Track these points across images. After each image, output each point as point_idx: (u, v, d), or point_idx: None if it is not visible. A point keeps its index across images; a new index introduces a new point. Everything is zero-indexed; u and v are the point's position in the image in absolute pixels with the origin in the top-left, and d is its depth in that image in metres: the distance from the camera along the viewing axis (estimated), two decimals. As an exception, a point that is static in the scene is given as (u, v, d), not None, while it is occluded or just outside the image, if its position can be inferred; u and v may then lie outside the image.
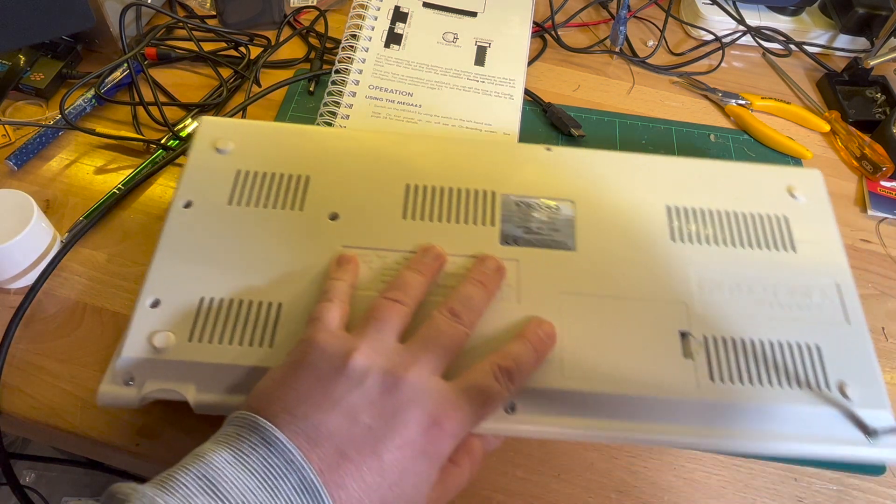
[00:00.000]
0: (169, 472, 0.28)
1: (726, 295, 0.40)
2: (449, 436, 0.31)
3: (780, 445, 0.37)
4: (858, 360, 0.39)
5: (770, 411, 0.37)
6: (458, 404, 0.32)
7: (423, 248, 0.39)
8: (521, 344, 0.35)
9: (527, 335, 0.36)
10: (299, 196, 0.42)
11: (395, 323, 0.34)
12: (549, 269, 0.40)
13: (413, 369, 0.32)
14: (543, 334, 0.36)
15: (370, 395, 0.31)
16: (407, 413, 0.31)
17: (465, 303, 0.36)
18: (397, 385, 0.31)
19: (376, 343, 0.33)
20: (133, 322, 0.36)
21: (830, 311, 0.40)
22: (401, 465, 0.30)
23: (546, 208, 0.43)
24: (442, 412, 0.31)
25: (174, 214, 0.41)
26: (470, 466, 0.34)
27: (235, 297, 0.38)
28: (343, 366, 0.31)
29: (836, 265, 0.42)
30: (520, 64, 0.63)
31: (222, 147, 0.44)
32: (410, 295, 0.36)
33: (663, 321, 0.39)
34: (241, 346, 0.36)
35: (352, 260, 0.39)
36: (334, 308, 0.35)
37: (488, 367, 0.34)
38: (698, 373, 0.37)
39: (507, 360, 0.34)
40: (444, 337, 0.34)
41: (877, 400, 0.37)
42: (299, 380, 0.31)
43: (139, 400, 0.35)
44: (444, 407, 0.32)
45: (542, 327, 0.37)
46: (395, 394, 0.31)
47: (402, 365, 0.32)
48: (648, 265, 0.41)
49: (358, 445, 0.29)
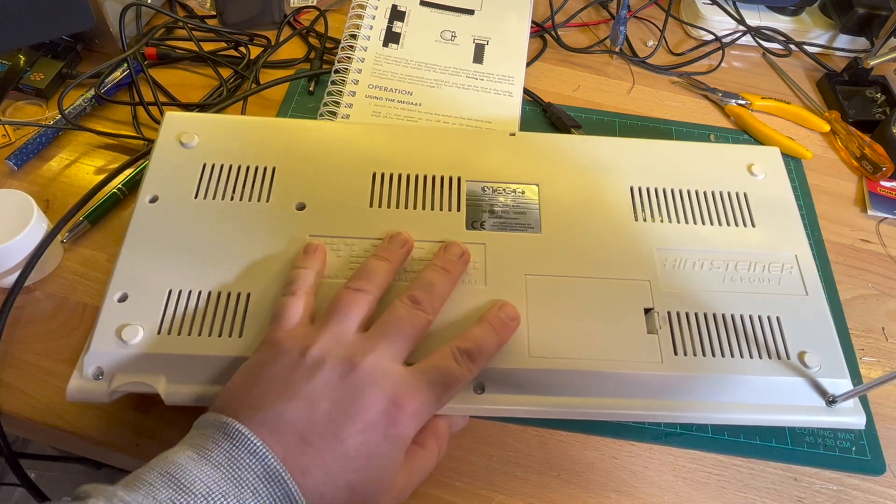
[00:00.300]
0: (135, 473, 0.28)
1: (689, 271, 0.42)
2: (410, 417, 0.32)
3: (744, 416, 0.38)
4: (818, 330, 0.40)
5: (733, 382, 0.38)
6: (417, 386, 0.33)
7: (389, 236, 0.40)
8: (482, 326, 0.36)
9: (488, 318, 0.37)
10: (265, 187, 0.43)
11: (356, 313, 0.35)
12: (516, 251, 0.41)
13: (371, 355, 0.32)
14: (505, 316, 0.37)
15: (329, 383, 0.31)
16: (366, 397, 0.31)
17: (426, 289, 0.36)
18: (355, 370, 0.32)
19: (336, 334, 0.33)
20: (101, 316, 0.37)
21: (790, 283, 0.42)
22: (364, 449, 0.30)
23: (511, 192, 0.44)
24: (402, 394, 0.32)
25: (140, 209, 0.41)
26: (437, 447, 0.35)
27: (203, 288, 0.38)
28: (302, 358, 0.32)
29: (794, 239, 0.44)
30: (518, 61, 0.63)
31: (187, 141, 0.44)
32: (374, 282, 0.36)
33: (628, 299, 0.40)
34: (210, 337, 0.37)
35: (319, 248, 0.39)
36: (296, 302, 0.35)
37: (448, 350, 0.34)
38: (663, 348, 0.38)
39: (468, 343, 0.35)
40: (404, 324, 0.34)
41: (836, 369, 0.39)
42: (260, 377, 0.32)
43: (109, 394, 0.35)
44: (404, 389, 0.32)
45: (504, 309, 0.37)
46: (353, 379, 0.31)
47: (361, 352, 0.32)
48: (613, 245, 0.42)
49: (319, 431, 0.30)
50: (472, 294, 0.39)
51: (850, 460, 0.43)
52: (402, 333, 0.34)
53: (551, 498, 0.41)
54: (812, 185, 0.60)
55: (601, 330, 0.39)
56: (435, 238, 0.41)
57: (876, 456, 0.44)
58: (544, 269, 0.41)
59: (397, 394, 0.32)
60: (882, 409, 0.46)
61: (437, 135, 0.47)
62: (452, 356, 0.34)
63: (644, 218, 0.44)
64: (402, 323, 0.34)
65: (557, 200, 0.44)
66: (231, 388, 0.33)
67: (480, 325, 0.36)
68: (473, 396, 0.37)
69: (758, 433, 0.44)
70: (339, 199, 0.43)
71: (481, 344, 0.35)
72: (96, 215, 0.50)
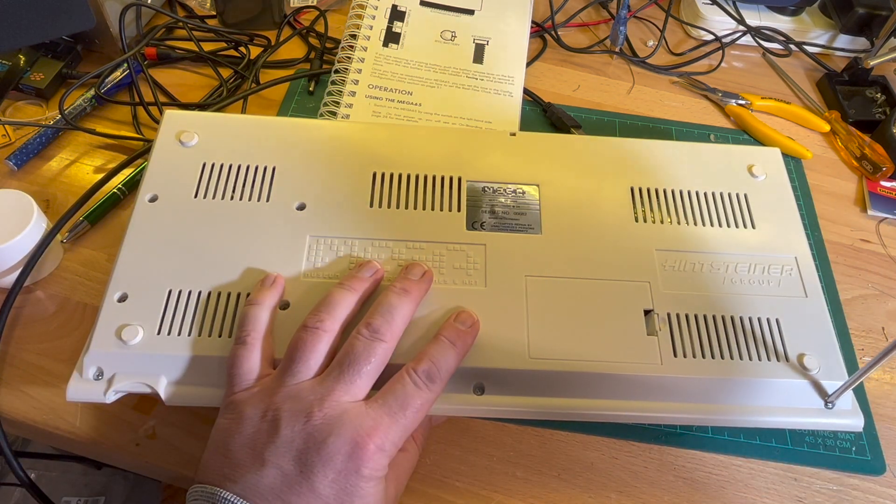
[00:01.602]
0: None
1: (689, 272, 0.42)
2: (376, 452, 0.31)
3: (742, 417, 0.38)
4: (817, 332, 0.40)
5: (732, 384, 0.38)
6: (378, 420, 0.32)
7: (359, 264, 0.39)
8: (438, 343, 0.35)
9: (444, 332, 0.36)
10: (266, 187, 0.43)
11: (315, 356, 0.34)
12: (516, 252, 0.41)
13: (327, 401, 0.32)
14: (462, 325, 0.37)
15: (291, 442, 0.31)
16: (328, 446, 0.31)
17: (384, 315, 0.35)
18: (311, 421, 0.32)
19: (292, 386, 0.33)
20: (101, 317, 0.37)
21: (789, 285, 0.42)
22: (342, 494, 0.31)
23: (511, 193, 0.44)
24: (362, 433, 0.31)
25: (140, 209, 0.41)
26: (416, 446, 0.36)
27: (203, 288, 0.38)
28: (262, 422, 0.32)
29: (794, 240, 0.44)
30: (518, 61, 0.63)
31: (187, 140, 0.44)
32: (334, 316, 0.35)
33: (628, 300, 0.40)
34: (209, 338, 0.36)
35: (276, 280, 0.38)
36: (249, 354, 0.35)
37: (405, 373, 0.34)
38: (662, 349, 0.38)
39: (425, 363, 0.34)
40: (361, 360, 0.34)
41: (835, 371, 0.39)
42: (229, 448, 0.32)
43: (108, 394, 0.35)
44: (363, 427, 0.32)
45: (460, 318, 0.37)
46: (312, 431, 0.31)
47: (318, 401, 0.32)
48: (613, 246, 0.42)
49: (296, 490, 0.30)
50: (472, 295, 0.39)
51: (850, 460, 0.44)
52: (358, 371, 0.33)
53: (551, 498, 0.41)
54: (812, 185, 0.60)
55: (601, 331, 0.38)
56: (435, 238, 0.41)
57: (876, 456, 0.44)
58: (544, 270, 0.41)
59: (357, 434, 0.31)
60: (882, 409, 0.46)
61: (438, 134, 0.47)
62: (410, 380, 0.34)
63: (644, 219, 0.44)
64: (359, 359, 0.34)
65: (557, 201, 0.44)
66: (208, 459, 0.33)
67: (436, 341, 0.36)
68: (473, 397, 0.37)
69: (758, 433, 0.44)
70: (339, 198, 0.43)
71: (438, 361, 0.35)
72: (96, 215, 0.50)
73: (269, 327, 0.36)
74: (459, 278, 0.40)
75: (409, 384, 0.34)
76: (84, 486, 0.78)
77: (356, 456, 0.31)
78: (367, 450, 0.31)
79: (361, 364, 0.33)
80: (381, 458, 0.32)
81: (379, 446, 0.32)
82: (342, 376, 0.33)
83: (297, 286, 0.39)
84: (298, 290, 0.38)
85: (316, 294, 0.38)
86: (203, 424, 0.42)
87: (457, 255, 0.41)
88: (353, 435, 0.31)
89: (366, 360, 0.34)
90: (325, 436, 0.31)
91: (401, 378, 0.34)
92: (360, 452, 0.31)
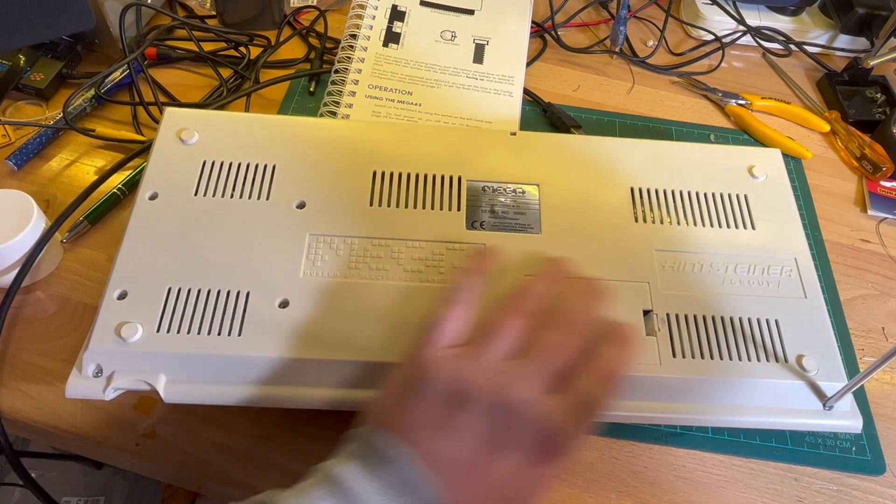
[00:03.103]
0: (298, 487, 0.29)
1: (688, 273, 0.42)
2: (564, 453, 0.31)
3: (741, 418, 0.38)
4: (816, 333, 0.40)
5: (731, 385, 0.38)
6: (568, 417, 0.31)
7: (549, 259, 0.39)
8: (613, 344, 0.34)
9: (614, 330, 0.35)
10: (266, 185, 0.43)
11: (508, 338, 0.34)
12: (516, 252, 0.41)
13: (524, 390, 0.31)
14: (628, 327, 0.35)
15: (482, 417, 0.30)
16: (518, 435, 0.30)
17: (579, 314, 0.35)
18: (507, 405, 0.31)
19: (488, 362, 0.32)
20: (100, 314, 0.37)
21: (789, 286, 0.42)
22: (516, 484, 0.30)
23: (511, 192, 0.44)
24: (555, 428, 0.31)
25: (139, 206, 0.41)
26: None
27: (203, 286, 0.38)
28: (455, 387, 0.31)
29: (794, 241, 0.44)
30: (518, 61, 0.63)
31: (187, 138, 0.44)
32: (531, 308, 0.35)
33: (627, 300, 0.40)
34: (209, 336, 0.36)
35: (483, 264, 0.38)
36: (457, 316, 0.34)
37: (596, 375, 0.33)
38: (661, 350, 0.38)
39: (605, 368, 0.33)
40: (556, 352, 0.33)
41: (834, 373, 0.39)
42: (416, 403, 0.31)
43: (108, 392, 0.35)
44: (556, 425, 0.31)
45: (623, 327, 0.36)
46: (506, 414, 0.31)
47: (514, 385, 0.31)
48: (612, 246, 0.42)
49: (478, 466, 0.30)
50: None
51: (850, 460, 0.43)
52: (554, 362, 0.33)
53: (551, 498, 0.41)
54: (812, 185, 0.60)
55: None
56: (435, 237, 0.41)
57: (876, 456, 0.44)
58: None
59: (550, 431, 0.31)
60: (882, 409, 0.46)
61: (438, 134, 0.47)
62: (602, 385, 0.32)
63: (644, 219, 0.44)
64: (553, 351, 0.33)
65: (557, 201, 0.44)
66: (387, 407, 0.32)
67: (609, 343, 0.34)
68: None
69: (758, 433, 0.44)
70: (339, 197, 0.43)
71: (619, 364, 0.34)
72: (96, 215, 0.50)
73: (477, 301, 0.36)
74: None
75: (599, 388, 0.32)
76: (84, 486, 0.78)
77: (544, 450, 0.31)
78: (558, 449, 0.31)
79: (557, 355, 0.33)
80: (563, 462, 0.31)
81: (568, 449, 0.31)
82: (539, 367, 0.32)
83: (297, 284, 0.39)
84: (298, 288, 0.38)
85: (316, 292, 0.38)
86: (203, 423, 0.42)
87: (456, 254, 0.41)
88: (545, 431, 0.31)
89: (561, 353, 0.33)
90: (517, 422, 0.31)
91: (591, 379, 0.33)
92: (549, 446, 0.31)
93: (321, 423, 0.42)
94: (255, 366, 0.36)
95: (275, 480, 0.40)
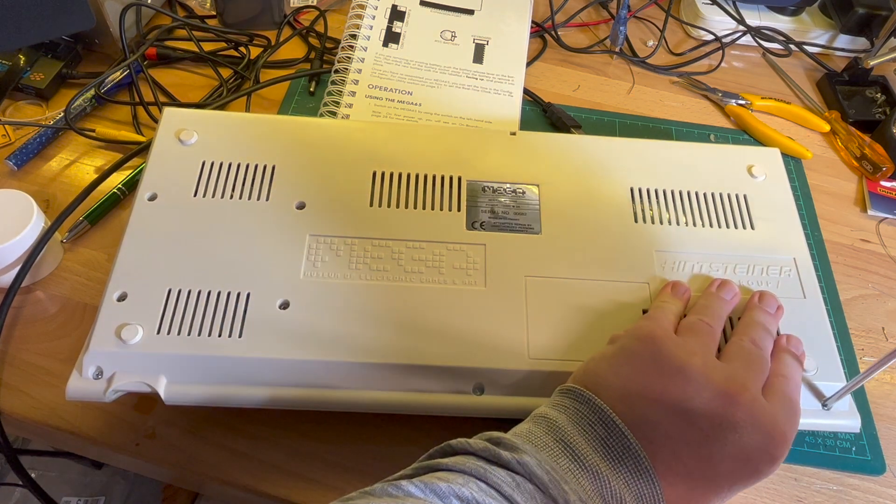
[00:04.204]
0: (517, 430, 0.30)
1: (688, 273, 0.42)
2: (777, 460, 0.31)
3: None
4: (815, 333, 0.40)
5: None
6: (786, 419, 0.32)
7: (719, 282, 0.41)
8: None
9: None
10: (265, 186, 0.43)
11: (713, 341, 0.35)
12: (516, 252, 0.41)
13: (748, 389, 0.32)
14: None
15: (709, 405, 0.30)
16: (745, 433, 0.30)
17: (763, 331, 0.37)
18: (738, 402, 0.31)
19: (706, 355, 0.33)
20: (100, 316, 0.37)
21: (788, 286, 0.42)
22: (732, 479, 0.30)
23: (511, 192, 0.44)
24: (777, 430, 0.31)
25: (139, 207, 0.41)
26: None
27: (203, 288, 0.38)
28: (682, 369, 0.31)
29: (793, 242, 0.44)
30: (518, 61, 0.63)
31: (186, 139, 0.44)
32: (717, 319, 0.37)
33: (627, 301, 0.40)
34: (209, 337, 0.36)
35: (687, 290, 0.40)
36: (677, 305, 0.37)
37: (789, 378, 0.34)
38: None
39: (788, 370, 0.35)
40: (760, 362, 0.34)
41: (832, 373, 0.39)
42: (637, 371, 0.32)
43: (108, 394, 0.35)
44: (780, 424, 0.31)
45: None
46: (734, 410, 0.30)
47: (738, 383, 0.32)
48: (612, 247, 0.42)
49: (693, 452, 0.30)
50: (471, 295, 0.39)
51: (849, 460, 0.43)
52: (760, 370, 0.34)
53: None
54: (812, 185, 0.60)
55: (600, 332, 0.38)
56: (435, 238, 0.41)
57: (876, 456, 0.44)
58: (544, 270, 0.41)
59: (770, 437, 0.31)
60: (882, 409, 0.46)
61: (438, 134, 0.47)
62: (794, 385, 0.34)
63: (644, 219, 0.44)
64: (758, 360, 0.34)
65: (557, 201, 0.44)
66: (602, 370, 0.33)
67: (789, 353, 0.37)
68: (473, 398, 0.37)
69: (758, 433, 0.44)
70: (339, 197, 0.43)
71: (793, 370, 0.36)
72: (96, 215, 0.50)
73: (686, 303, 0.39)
74: (459, 278, 0.40)
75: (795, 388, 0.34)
76: (84, 486, 0.78)
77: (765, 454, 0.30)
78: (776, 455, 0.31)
79: (761, 365, 0.34)
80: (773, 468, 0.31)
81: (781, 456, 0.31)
82: (749, 371, 0.33)
83: (297, 285, 0.39)
84: (298, 289, 0.38)
85: (316, 293, 0.38)
86: (203, 423, 0.42)
87: (456, 254, 0.41)
88: (767, 437, 0.31)
89: (761, 365, 0.34)
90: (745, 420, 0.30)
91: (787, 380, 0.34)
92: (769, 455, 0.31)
93: (321, 424, 0.42)
94: (255, 367, 0.36)
95: (275, 480, 0.40)
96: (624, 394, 0.31)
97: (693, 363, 0.32)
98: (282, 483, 0.40)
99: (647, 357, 0.32)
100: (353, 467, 0.41)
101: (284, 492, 0.40)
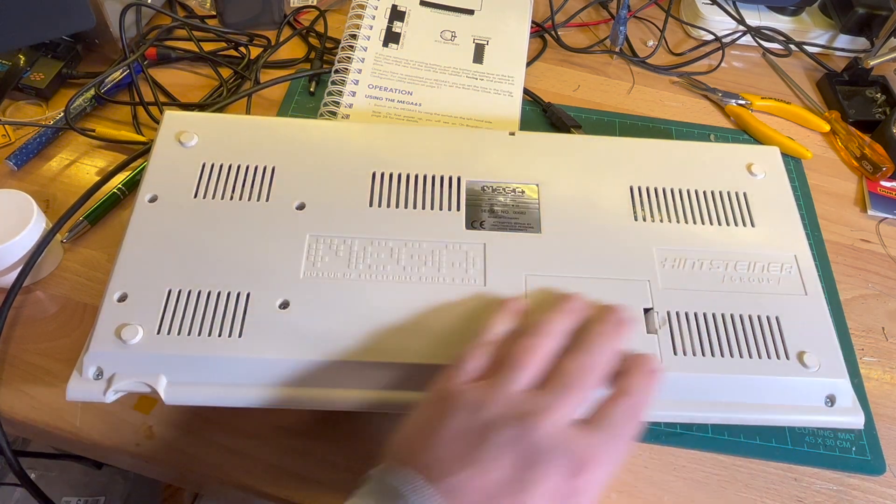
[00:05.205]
0: None
1: (688, 271, 0.42)
2: (596, 482, 0.30)
3: (743, 415, 0.38)
4: (817, 330, 0.40)
5: (732, 382, 0.38)
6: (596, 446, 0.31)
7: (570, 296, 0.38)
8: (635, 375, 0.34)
9: (636, 363, 0.35)
10: (265, 187, 0.43)
11: (532, 367, 0.33)
12: (516, 251, 0.41)
13: (548, 418, 0.31)
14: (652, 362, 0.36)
15: (505, 448, 0.30)
16: (545, 465, 0.30)
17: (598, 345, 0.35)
18: (531, 434, 0.30)
19: (509, 391, 0.32)
20: (100, 316, 0.37)
21: (789, 283, 0.42)
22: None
23: (511, 192, 0.44)
24: (585, 458, 0.30)
25: (139, 209, 0.41)
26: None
27: (203, 288, 0.38)
28: (476, 418, 0.31)
29: (794, 239, 0.44)
30: (518, 61, 0.63)
31: (186, 141, 0.44)
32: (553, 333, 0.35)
33: (627, 299, 0.40)
34: (209, 337, 0.36)
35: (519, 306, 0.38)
36: (481, 354, 0.34)
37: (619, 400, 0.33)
38: (662, 347, 0.39)
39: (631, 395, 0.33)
40: (576, 383, 0.33)
41: (835, 369, 0.39)
42: (437, 437, 0.31)
43: (108, 394, 0.35)
44: (585, 452, 0.30)
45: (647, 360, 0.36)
46: (530, 444, 0.30)
47: (537, 414, 0.31)
48: (612, 245, 0.42)
49: (509, 498, 0.29)
50: (471, 295, 0.39)
51: (850, 460, 0.43)
52: (579, 390, 0.32)
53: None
54: (812, 185, 0.60)
55: None
56: (434, 237, 0.41)
57: (876, 456, 0.44)
58: (544, 269, 0.41)
59: (580, 460, 0.30)
60: (882, 409, 0.46)
61: (437, 134, 0.47)
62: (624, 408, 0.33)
63: (644, 217, 0.44)
64: (575, 383, 0.33)
65: (557, 200, 0.44)
66: (409, 439, 0.32)
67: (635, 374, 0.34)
68: None
69: (758, 433, 0.44)
70: (338, 198, 0.43)
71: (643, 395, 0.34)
72: (96, 215, 0.50)
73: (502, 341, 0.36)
74: (459, 277, 0.40)
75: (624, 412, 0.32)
76: (84, 486, 0.78)
77: (572, 483, 0.30)
78: (589, 476, 0.30)
79: (577, 387, 0.33)
80: (598, 488, 0.31)
81: (601, 477, 0.30)
82: (563, 394, 0.32)
83: (297, 286, 0.39)
84: (298, 289, 0.38)
85: (316, 293, 0.38)
86: (203, 424, 0.42)
87: (456, 254, 0.41)
88: (573, 461, 0.30)
89: (581, 385, 0.33)
90: (542, 452, 0.30)
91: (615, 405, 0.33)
92: (581, 476, 0.30)
93: (321, 424, 0.42)
94: (255, 367, 0.36)
95: (275, 480, 0.40)
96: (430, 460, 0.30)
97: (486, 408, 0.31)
98: (282, 483, 0.40)
99: (446, 415, 0.31)
100: (353, 467, 0.41)
101: (284, 492, 0.40)
